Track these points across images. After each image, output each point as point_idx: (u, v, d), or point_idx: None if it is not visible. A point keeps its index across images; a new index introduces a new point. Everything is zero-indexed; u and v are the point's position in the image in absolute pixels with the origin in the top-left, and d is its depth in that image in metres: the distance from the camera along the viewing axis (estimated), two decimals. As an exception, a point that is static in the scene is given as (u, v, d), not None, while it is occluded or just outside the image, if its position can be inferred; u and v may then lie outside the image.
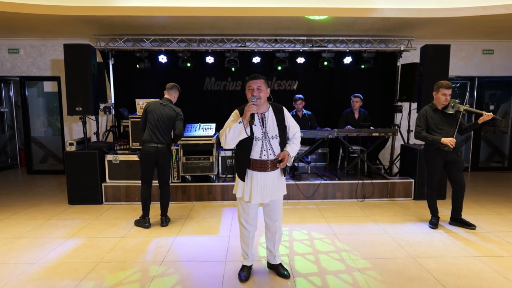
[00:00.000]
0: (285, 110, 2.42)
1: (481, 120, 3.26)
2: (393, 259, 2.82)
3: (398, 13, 4.23)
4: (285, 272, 2.53)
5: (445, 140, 3.27)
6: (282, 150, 2.35)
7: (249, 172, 2.32)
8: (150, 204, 3.55)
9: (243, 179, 2.34)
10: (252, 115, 2.22)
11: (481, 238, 3.24)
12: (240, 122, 2.20)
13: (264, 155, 2.29)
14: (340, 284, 2.44)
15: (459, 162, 3.42)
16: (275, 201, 2.44)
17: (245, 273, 2.50)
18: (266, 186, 2.32)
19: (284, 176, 2.45)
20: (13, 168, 6.80)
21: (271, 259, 2.60)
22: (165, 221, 3.60)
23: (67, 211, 4.12)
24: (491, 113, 3.22)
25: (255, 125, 2.28)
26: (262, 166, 2.30)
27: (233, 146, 2.30)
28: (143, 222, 3.55)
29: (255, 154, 2.29)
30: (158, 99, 3.59)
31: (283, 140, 2.35)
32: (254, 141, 2.29)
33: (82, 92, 4.34)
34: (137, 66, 5.29)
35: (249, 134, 2.24)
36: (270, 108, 2.35)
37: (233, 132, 2.21)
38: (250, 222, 2.45)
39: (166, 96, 3.61)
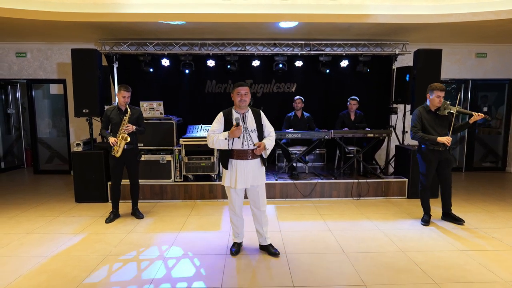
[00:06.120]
0: (262, 113, 2.94)
1: (472, 120, 3.42)
2: (384, 253, 3.00)
3: (391, 19, 4.41)
4: (275, 251, 2.95)
5: (441, 139, 3.39)
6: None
7: (233, 161, 2.81)
8: None
9: (226, 167, 2.83)
10: (238, 123, 2.70)
11: (469, 234, 3.41)
12: (225, 139, 2.73)
13: (245, 145, 2.78)
14: (331, 272, 2.61)
15: (451, 161, 3.62)
16: (258, 188, 2.87)
17: (236, 248, 2.99)
18: (248, 172, 2.80)
19: (264, 166, 2.92)
20: (19, 168, 6.99)
21: (262, 240, 3.02)
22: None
23: (74, 208, 4.30)
24: (481, 113, 3.37)
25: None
26: (244, 154, 2.79)
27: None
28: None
29: (238, 145, 2.78)
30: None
31: (260, 134, 2.86)
32: None
33: (89, 95, 4.53)
34: (141, 69, 5.48)
35: (231, 147, 2.76)
36: (250, 111, 2.88)
37: (218, 145, 2.77)
38: (237, 210, 2.94)
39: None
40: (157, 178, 4.64)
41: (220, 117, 2.83)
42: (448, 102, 3.53)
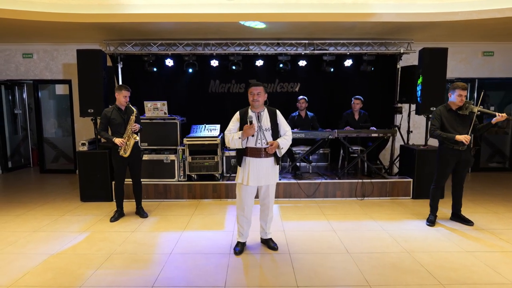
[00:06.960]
0: (278, 112, 2.95)
1: (495, 120, 3.31)
2: (389, 253, 2.97)
3: (396, 17, 4.38)
4: (274, 245, 3.04)
5: (459, 137, 3.30)
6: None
7: (247, 159, 2.86)
8: None
9: (240, 164, 2.89)
10: (250, 122, 2.77)
11: (475, 235, 3.37)
12: (240, 138, 2.80)
13: (259, 143, 2.84)
14: (335, 272, 2.60)
15: (470, 162, 3.54)
16: (269, 187, 2.93)
17: (240, 247, 3.01)
18: (261, 170, 2.85)
19: (277, 164, 2.95)
20: (26, 168, 7.07)
21: (263, 234, 3.13)
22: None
23: (79, 207, 4.34)
24: (505, 114, 3.28)
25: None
26: (257, 152, 2.84)
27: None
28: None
29: (251, 143, 2.84)
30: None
31: (275, 133, 2.88)
32: None
33: (94, 95, 4.57)
34: (145, 69, 5.50)
35: (245, 146, 2.83)
36: (265, 110, 2.92)
37: (233, 143, 2.85)
38: (246, 210, 2.93)
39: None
40: (161, 177, 4.66)
41: (236, 116, 2.91)
42: (470, 101, 3.44)
